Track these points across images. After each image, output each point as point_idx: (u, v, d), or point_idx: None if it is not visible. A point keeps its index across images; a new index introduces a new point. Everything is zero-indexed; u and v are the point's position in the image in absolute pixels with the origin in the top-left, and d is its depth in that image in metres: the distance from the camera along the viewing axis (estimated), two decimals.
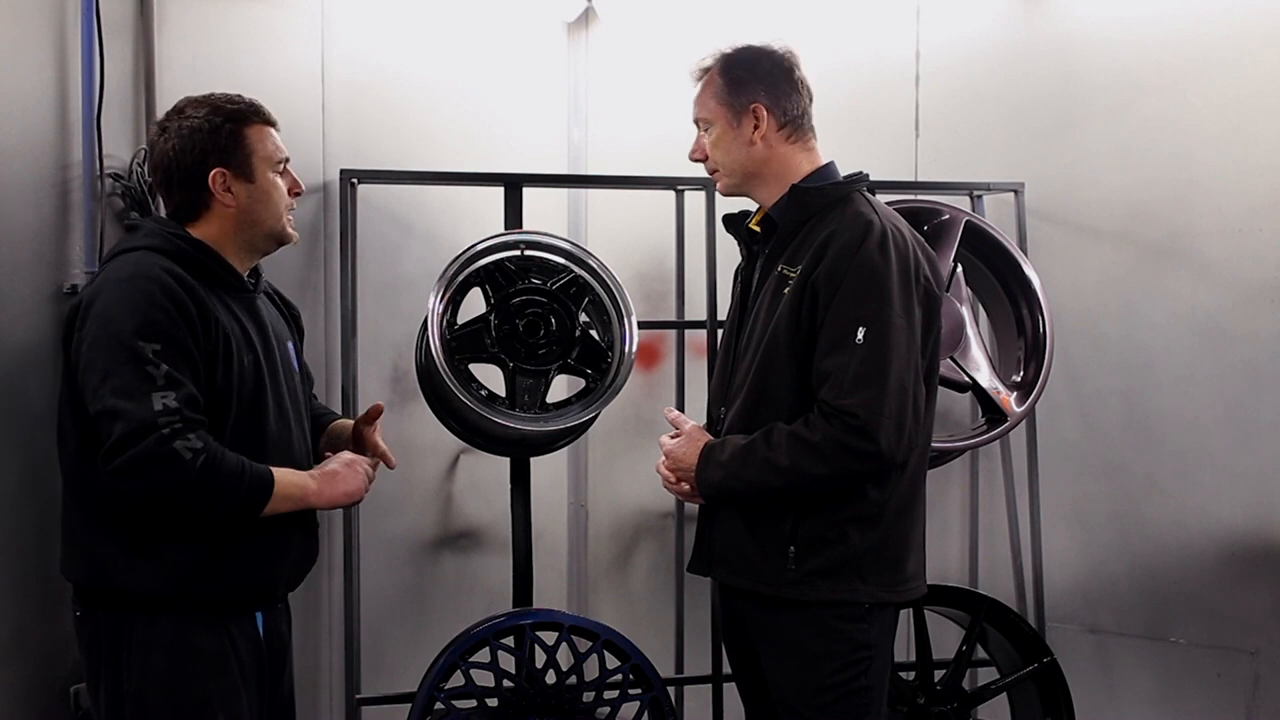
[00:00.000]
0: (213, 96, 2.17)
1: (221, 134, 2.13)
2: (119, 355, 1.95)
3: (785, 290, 2.17)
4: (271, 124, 2.21)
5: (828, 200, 2.23)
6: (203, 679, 2.08)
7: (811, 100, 2.30)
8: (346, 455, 2.28)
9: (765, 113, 2.24)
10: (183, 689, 2.07)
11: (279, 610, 2.28)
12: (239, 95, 2.19)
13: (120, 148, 2.68)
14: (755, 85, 2.25)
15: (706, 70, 2.31)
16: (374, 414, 2.37)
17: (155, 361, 1.95)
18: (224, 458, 1.98)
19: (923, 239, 2.28)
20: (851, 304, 2.09)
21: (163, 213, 2.22)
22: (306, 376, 2.45)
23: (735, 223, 2.41)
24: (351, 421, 2.42)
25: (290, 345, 2.32)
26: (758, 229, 2.34)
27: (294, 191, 2.24)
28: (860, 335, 2.06)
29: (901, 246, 2.14)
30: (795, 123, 2.27)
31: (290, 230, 2.24)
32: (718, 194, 2.40)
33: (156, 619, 2.06)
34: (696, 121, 2.33)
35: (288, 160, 2.23)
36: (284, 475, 2.09)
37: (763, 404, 2.19)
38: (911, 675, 2.87)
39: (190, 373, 2.00)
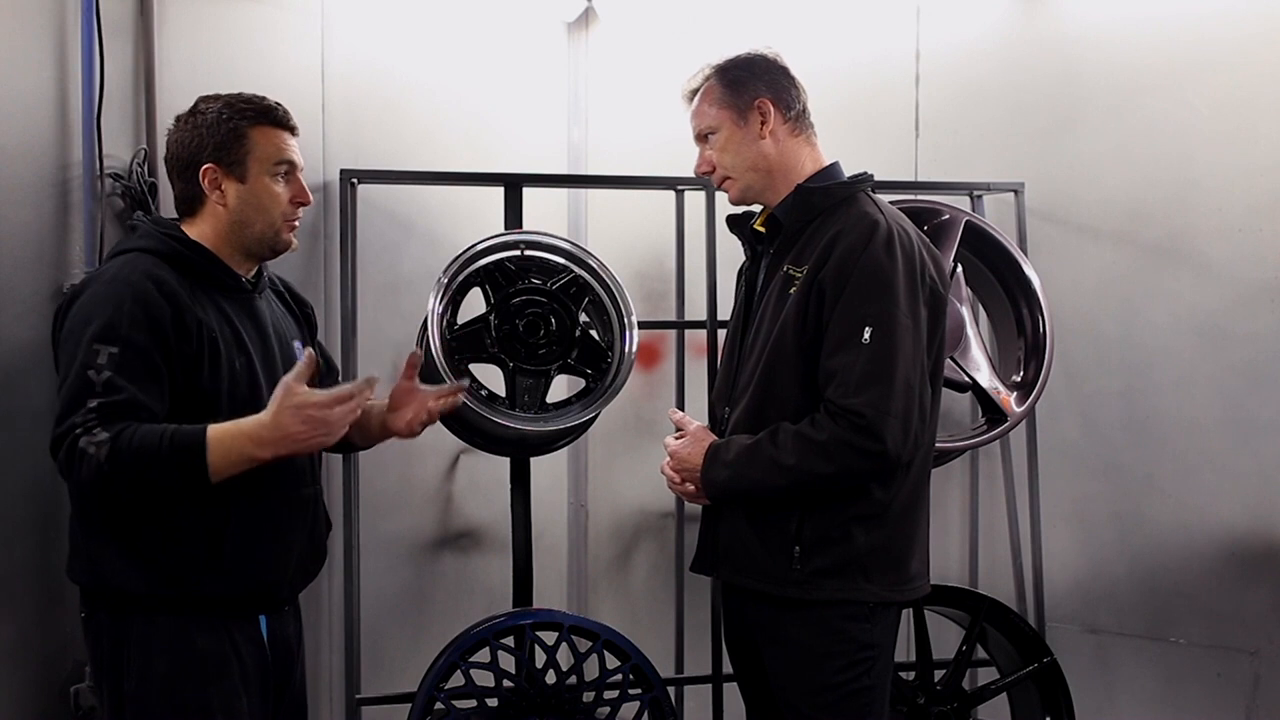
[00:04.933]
0: (233, 95, 2.15)
1: (221, 130, 2.11)
2: (75, 357, 1.97)
3: (791, 290, 2.17)
4: (285, 128, 2.18)
5: (833, 200, 2.23)
6: (203, 681, 2.08)
7: (807, 97, 2.31)
8: (302, 392, 1.97)
9: (771, 106, 2.24)
10: (183, 691, 2.07)
11: (285, 613, 2.27)
12: (261, 97, 2.17)
13: (120, 148, 2.68)
14: (756, 82, 2.26)
15: (696, 90, 2.31)
16: (414, 362, 2.25)
17: (100, 367, 1.95)
18: (134, 437, 1.91)
19: (927, 239, 2.29)
20: (858, 303, 2.09)
21: (162, 210, 2.22)
22: (331, 368, 2.45)
23: (739, 223, 2.41)
24: (381, 402, 2.32)
25: (297, 344, 2.31)
26: (762, 229, 2.34)
27: (297, 201, 2.19)
28: (867, 335, 2.07)
29: (907, 246, 2.15)
30: (799, 117, 2.28)
31: (287, 237, 2.20)
32: (718, 194, 2.40)
33: (155, 620, 2.06)
34: (699, 136, 2.32)
35: (295, 167, 2.18)
36: (220, 428, 1.95)
37: (769, 403, 2.19)
38: (911, 675, 2.87)
39: (149, 378, 1.98)
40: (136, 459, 1.91)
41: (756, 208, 2.36)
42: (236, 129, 2.12)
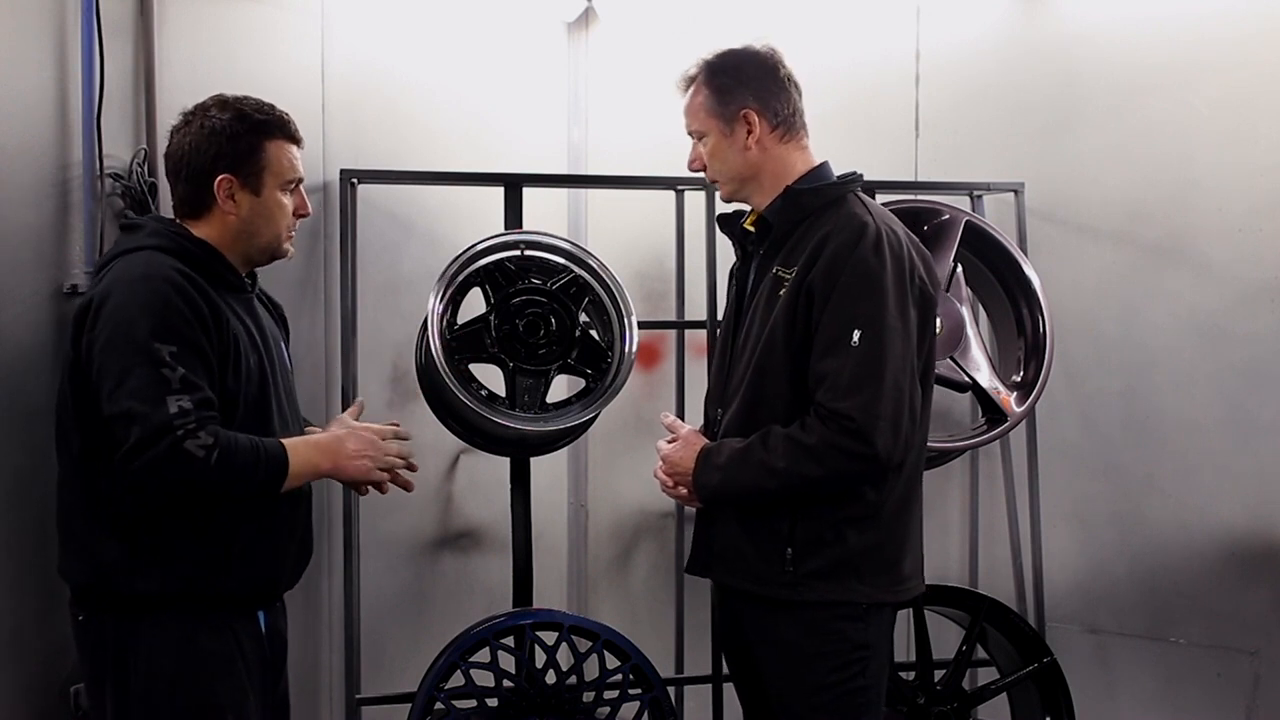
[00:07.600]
0: (243, 101, 2.17)
1: (240, 142, 2.13)
2: (135, 358, 1.95)
3: (781, 292, 2.17)
4: (295, 141, 2.21)
5: (822, 201, 2.23)
6: (209, 679, 2.09)
7: (801, 96, 2.29)
8: (354, 423, 2.31)
9: (757, 117, 2.23)
10: (190, 690, 2.07)
11: (278, 608, 2.30)
12: (270, 106, 2.19)
13: (120, 148, 2.67)
14: (743, 90, 2.24)
15: (691, 80, 2.30)
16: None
17: (171, 364, 1.95)
18: (237, 447, 1.99)
19: (918, 239, 2.28)
20: (847, 306, 2.08)
21: (162, 209, 2.21)
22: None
23: (730, 223, 2.40)
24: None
25: (282, 344, 2.33)
26: (752, 229, 2.34)
27: (300, 213, 2.24)
28: (856, 337, 2.06)
29: (896, 248, 2.14)
30: (787, 122, 2.26)
31: (287, 246, 2.24)
32: (717, 194, 2.40)
33: (161, 620, 2.07)
34: (691, 133, 2.32)
35: (300, 181, 2.22)
36: (296, 449, 2.10)
37: (759, 405, 2.19)
38: (911, 675, 2.87)
39: (205, 374, 2.01)
40: (239, 468, 1.98)
41: (747, 206, 2.36)
42: (253, 143, 2.14)
